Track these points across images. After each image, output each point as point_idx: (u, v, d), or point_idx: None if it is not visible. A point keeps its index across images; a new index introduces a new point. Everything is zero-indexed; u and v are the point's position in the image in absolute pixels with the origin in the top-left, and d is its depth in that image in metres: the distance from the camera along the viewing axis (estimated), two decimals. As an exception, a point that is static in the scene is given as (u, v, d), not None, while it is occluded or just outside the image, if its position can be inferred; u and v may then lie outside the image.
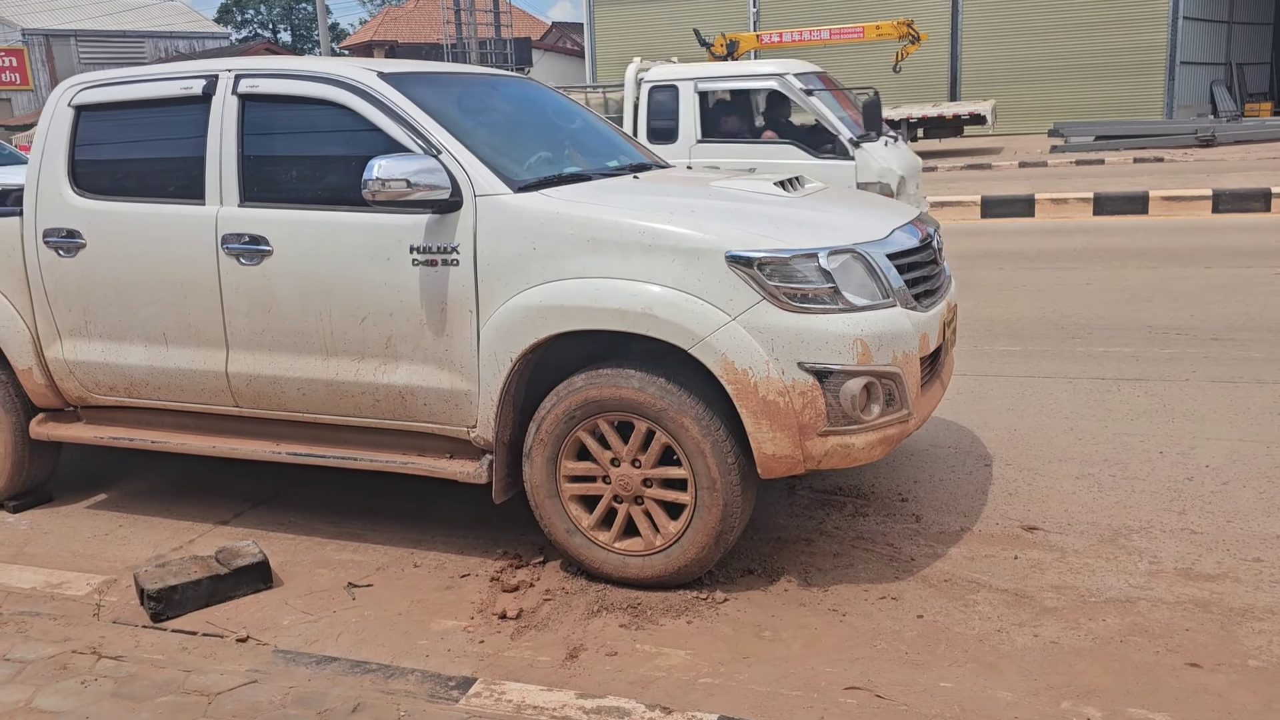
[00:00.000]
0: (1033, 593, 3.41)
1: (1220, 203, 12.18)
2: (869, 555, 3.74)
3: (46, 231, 4.21)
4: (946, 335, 3.83)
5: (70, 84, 4.35)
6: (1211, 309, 7.21)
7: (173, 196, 4.04)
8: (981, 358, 6.30)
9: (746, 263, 3.23)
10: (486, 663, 3.12)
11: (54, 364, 4.33)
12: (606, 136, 4.82)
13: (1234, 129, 21.27)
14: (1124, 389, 5.53)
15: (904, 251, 3.57)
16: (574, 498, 3.57)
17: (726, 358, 3.22)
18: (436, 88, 4.08)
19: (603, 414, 3.44)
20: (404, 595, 3.61)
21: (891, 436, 3.38)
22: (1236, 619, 3.17)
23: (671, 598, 3.45)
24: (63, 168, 4.22)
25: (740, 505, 3.39)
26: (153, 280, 4.03)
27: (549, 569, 3.73)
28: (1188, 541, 3.72)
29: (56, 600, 3.67)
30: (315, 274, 3.74)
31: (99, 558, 4.09)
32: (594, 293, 3.35)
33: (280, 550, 4.00)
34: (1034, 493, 4.24)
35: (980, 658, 3.03)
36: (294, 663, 3.04)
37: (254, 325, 3.89)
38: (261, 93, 3.92)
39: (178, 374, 4.08)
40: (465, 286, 3.53)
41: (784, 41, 25.81)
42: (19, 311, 4.35)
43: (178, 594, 3.52)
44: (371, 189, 3.44)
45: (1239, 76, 29.94)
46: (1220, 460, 4.46)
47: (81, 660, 3.09)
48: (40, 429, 4.46)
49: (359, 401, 3.79)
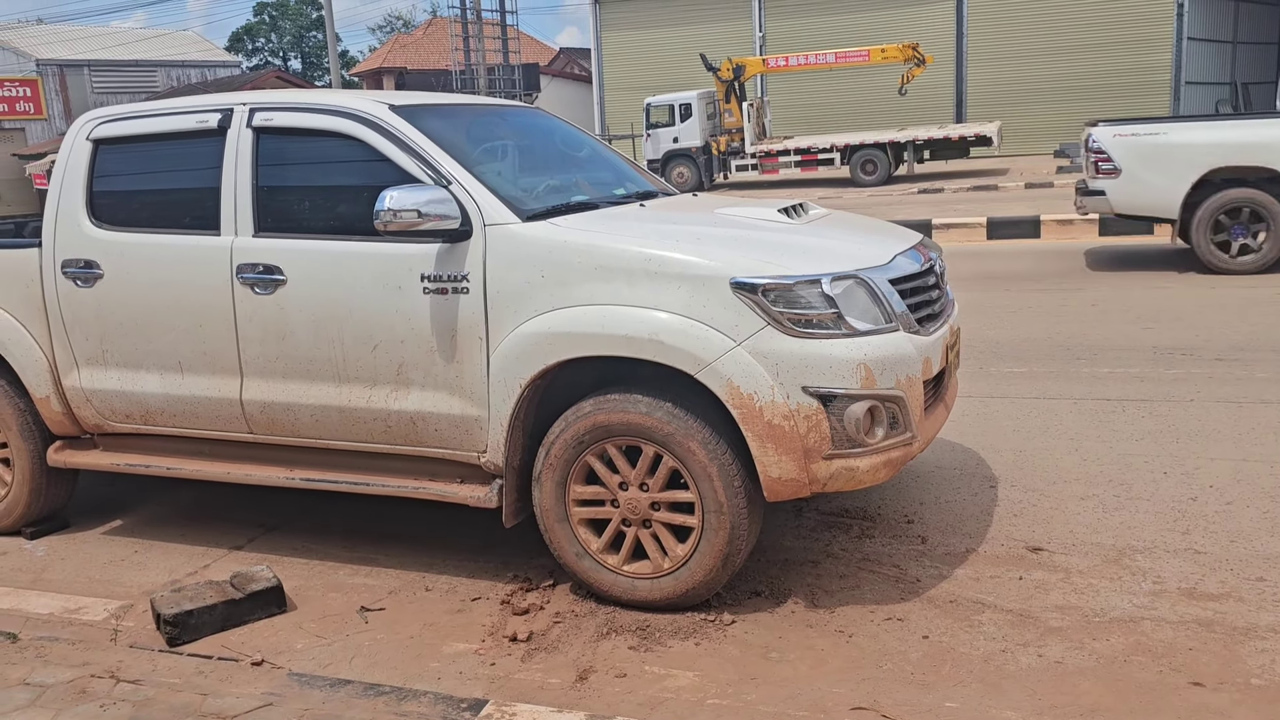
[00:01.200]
0: (1037, 613, 3.44)
1: (1226, 222, 12.18)
2: (875, 577, 3.78)
3: (65, 262, 4.29)
4: (950, 358, 3.88)
5: (88, 118, 4.45)
6: (1216, 329, 7.24)
7: (188, 227, 4.12)
8: (987, 379, 6.34)
9: (751, 289, 3.29)
10: (498, 685, 3.17)
11: (71, 392, 4.41)
12: (614, 165, 4.90)
13: (1240, 148, 21.27)
14: (1129, 410, 5.57)
15: (906, 276, 3.63)
16: (583, 521, 3.62)
17: (732, 382, 3.28)
18: (446, 119, 4.17)
19: (611, 439, 3.50)
20: (416, 619, 3.66)
21: (896, 459, 3.43)
22: (1239, 638, 3.20)
23: (680, 620, 3.49)
24: (81, 200, 4.31)
25: (747, 528, 3.43)
26: (169, 309, 4.11)
27: (559, 592, 3.77)
28: (1191, 561, 3.75)
29: (74, 625, 3.73)
30: (328, 302, 3.81)
31: (115, 583, 4.15)
32: (602, 319, 3.41)
33: (294, 575, 4.06)
34: (1039, 514, 4.27)
35: (985, 678, 3.07)
36: (309, 686, 3.08)
37: (268, 353, 3.96)
38: (275, 125, 4.01)
39: (193, 401, 4.15)
40: (475, 314, 3.60)
41: (790, 65, 26.03)
42: (37, 341, 4.44)
43: (193, 618, 3.58)
44: (383, 219, 3.52)
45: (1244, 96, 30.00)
46: (1224, 480, 4.49)
47: (100, 684, 3.15)
48: (57, 456, 4.53)
49: (371, 427, 3.86)
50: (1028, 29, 28.41)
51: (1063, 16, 27.89)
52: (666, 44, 31.89)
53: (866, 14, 29.62)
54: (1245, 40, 30.70)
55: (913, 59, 24.22)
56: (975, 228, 13.40)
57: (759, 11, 31.26)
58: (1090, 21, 27.64)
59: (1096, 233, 12.67)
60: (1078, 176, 17.13)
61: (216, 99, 4.23)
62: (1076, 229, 12.81)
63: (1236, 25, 30.49)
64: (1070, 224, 12.90)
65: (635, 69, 32.54)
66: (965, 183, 20.95)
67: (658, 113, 25.64)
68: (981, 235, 13.29)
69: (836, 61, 25.42)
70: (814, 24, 30.21)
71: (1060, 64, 28.02)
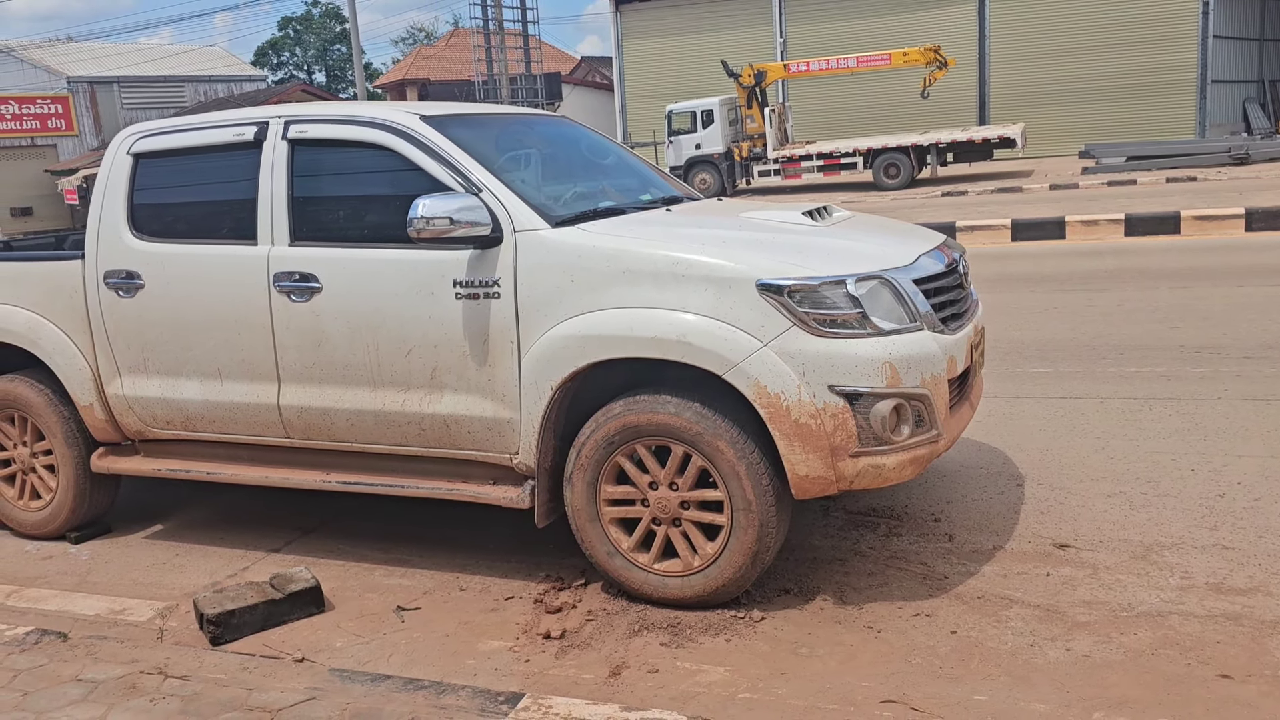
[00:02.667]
0: (1064, 608, 3.47)
1: (1253, 221, 12.14)
2: (903, 574, 3.82)
3: (107, 273, 4.41)
4: (974, 357, 3.92)
5: (129, 133, 4.57)
6: (1243, 327, 7.22)
7: (226, 237, 4.23)
8: (1013, 379, 6.36)
9: (777, 290, 3.35)
10: (532, 680, 3.24)
11: (114, 400, 4.53)
12: (639, 171, 4.98)
13: (1268, 146, 21.15)
14: (1156, 408, 5.57)
15: (930, 276, 3.68)
16: (614, 521, 3.68)
17: (759, 382, 3.33)
18: (476, 128, 4.26)
19: (640, 439, 3.56)
20: (451, 617, 3.74)
21: (922, 457, 3.47)
22: (1267, 631, 3.22)
23: (710, 617, 3.55)
24: (122, 212, 4.43)
25: (775, 526, 3.49)
26: (208, 318, 4.22)
27: (591, 590, 3.84)
28: (1219, 557, 3.77)
29: (121, 625, 3.83)
30: (363, 309, 3.90)
31: (158, 585, 4.25)
32: (630, 322, 3.48)
33: (331, 576, 4.15)
34: (1066, 511, 4.29)
35: (1013, 671, 3.10)
36: (350, 680, 3.17)
37: (304, 359, 4.06)
38: (310, 137, 4.11)
39: (232, 407, 4.26)
40: (506, 318, 3.67)
41: (811, 70, 26.04)
42: (81, 350, 4.56)
43: (235, 618, 3.67)
44: (416, 227, 3.60)
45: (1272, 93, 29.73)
46: (1252, 477, 4.50)
47: (149, 680, 3.24)
48: (100, 463, 4.65)
49: (405, 431, 3.94)
50: (1050, 29, 28.27)
51: (1085, 16, 27.75)
52: (687, 51, 32.00)
53: (888, 17, 29.60)
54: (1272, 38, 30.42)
55: (935, 62, 24.19)
56: (1000, 230, 13.38)
57: (780, 17, 31.30)
58: (1113, 21, 27.48)
59: (1122, 233, 12.63)
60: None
61: (252, 113, 4.34)
62: (1101, 229, 12.78)
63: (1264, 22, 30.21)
64: (1095, 225, 12.87)
65: (657, 76, 32.67)
66: (989, 185, 20.90)
67: (680, 119, 25.74)
68: (1006, 237, 13.27)
69: (858, 66, 25.44)
70: (835, 28, 30.22)
71: (1083, 64, 27.87)
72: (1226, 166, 19.87)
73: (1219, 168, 19.84)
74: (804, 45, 30.27)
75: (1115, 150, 22.84)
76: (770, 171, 24.96)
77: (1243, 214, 12.24)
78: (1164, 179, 18.82)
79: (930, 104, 25.88)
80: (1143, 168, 20.74)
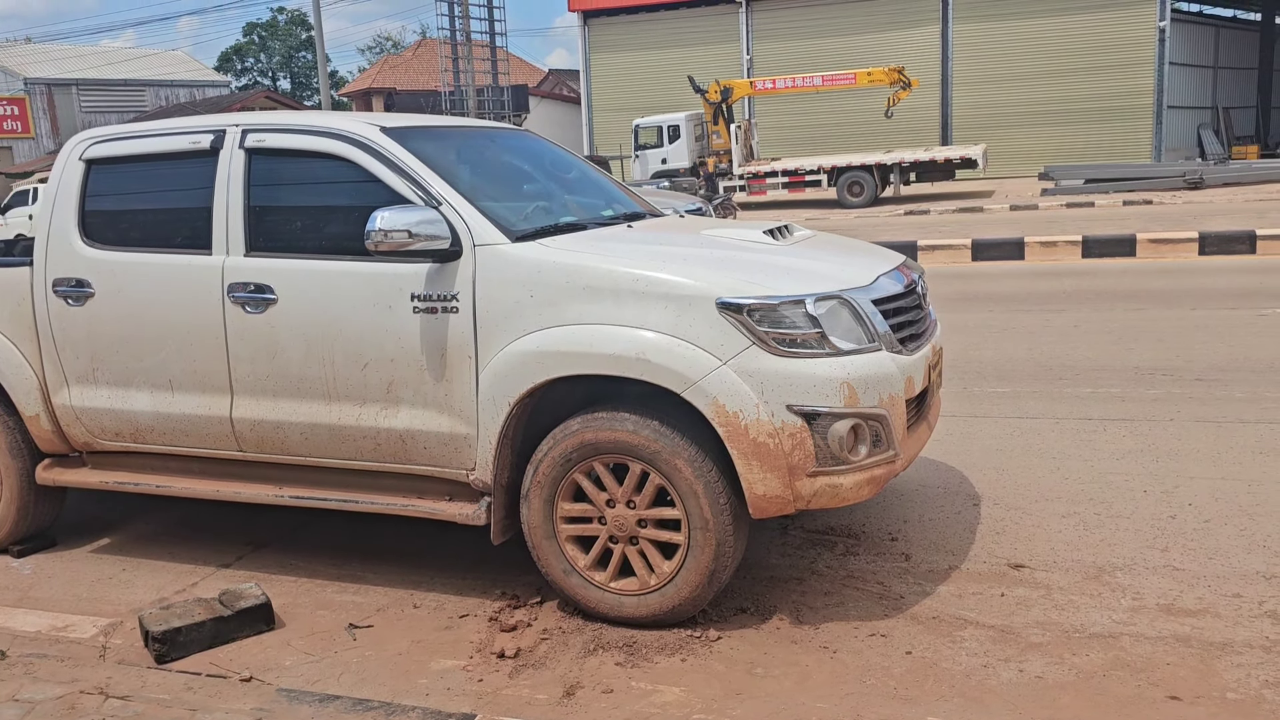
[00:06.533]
0: (1019, 629, 3.49)
1: (1206, 245, 12.38)
2: (859, 593, 3.82)
3: (56, 281, 4.32)
4: (932, 378, 3.94)
5: (81, 138, 4.49)
6: (1196, 350, 7.33)
7: (180, 247, 4.16)
8: (970, 399, 6.41)
9: (736, 309, 3.35)
10: (485, 701, 3.19)
11: (61, 410, 4.43)
12: (601, 186, 4.97)
13: (1222, 172, 21.60)
14: (1110, 429, 5.64)
15: (889, 297, 3.69)
16: (570, 538, 3.65)
17: (718, 401, 3.33)
18: (437, 141, 4.22)
19: (598, 456, 3.54)
20: (404, 635, 3.69)
21: (879, 476, 3.48)
22: (1216, 653, 3.26)
23: (666, 636, 3.53)
24: (73, 219, 4.34)
25: (733, 545, 3.48)
26: (160, 328, 4.14)
27: (546, 609, 3.80)
28: (1170, 578, 3.81)
29: (62, 643, 3.73)
30: (319, 321, 3.85)
31: (103, 601, 4.15)
32: (589, 339, 3.46)
33: (282, 592, 4.08)
34: (1021, 531, 4.32)
35: (967, 692, 3.11)
36: (297, 701, 3.11)
37: (258, 371, 4.00)
38: (267, 147, 4.06)
39: (183, 419, 4.18)
40: (465, 333, 3.64)
41: (777, 88, 26.26)
42: (27, 359, 4.45)
43: (182, 635, 3.59)
44: (374, 239, 3.56)
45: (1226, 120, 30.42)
46: (1203, 498, 4.56)
47: (89, 700, 3.16)
48: (46, 474, 4.54)
49: (360, 445, 3.89)
50: (1012, 53, 28.73)
51: (1047, 41, 28.22)
52: (655, 66, 32.12)
53: (853, 37, 29.91)
54: (1226, 65, 31.15)
55: (899, 82, 24.48)
56: (960, 249, 13.53)
57: (747, 34, 31.53)
58: (1074, 46, 27.97)
59: (1079, 254, 12.82)
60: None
61: (209, 120, 4.28)
62: (1060, 251, 12.96)
63: (1218, 50, 30.94)
64: (1054, 246, 13.05)
65: (624, 90, 32.76)
66: (951, 205, 21.15)
67: (646, 134, 25.84)
68: (967, 257, 13.43)
69: (823, 84, 25.69)
70: (801, 47, 30.49)
71: (1044, 88, 28.34)
72: (1181, 190, 20.25)
73: (1174, 191, 20.22)
74: (770, 63, 30.51)
75: (1074, 172, 23.23)
76: (735, 187, 25.10)
77: (1196, 238, 12.48)
78: (1121, 201, 19.15)
79: (894, 124, 26.18)
80: (1100, 190, 21.09)
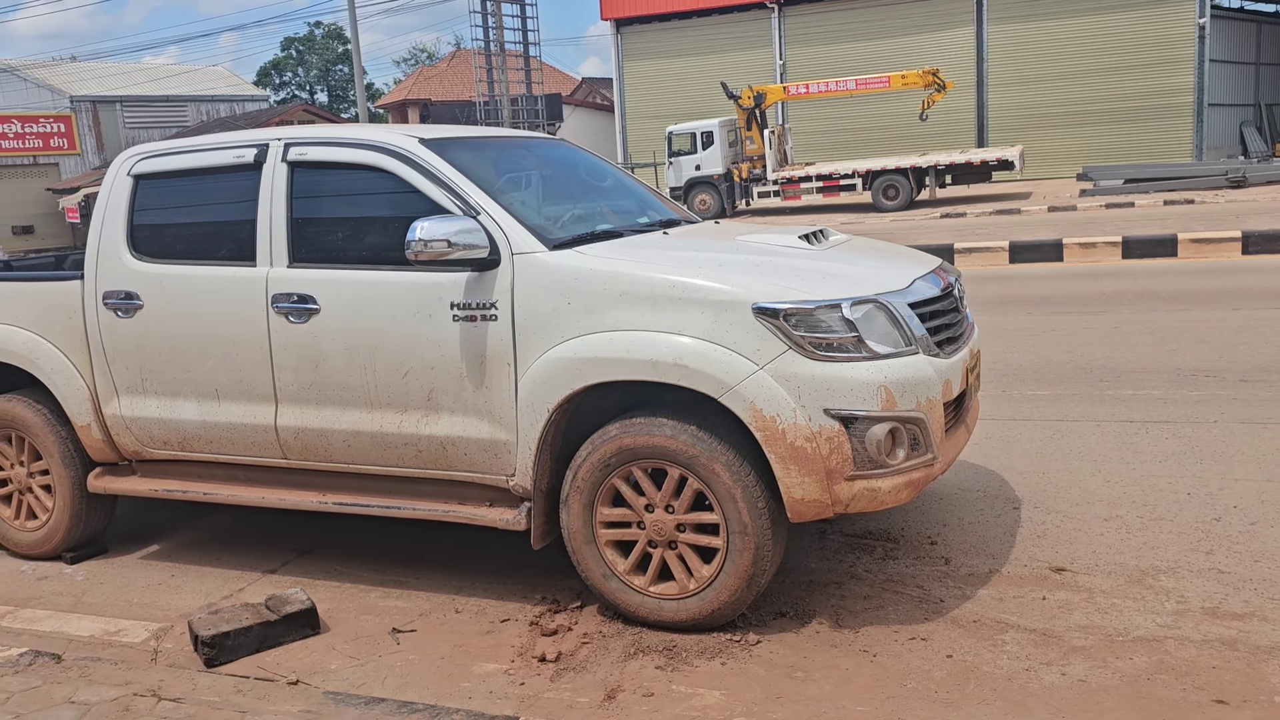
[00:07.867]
0: (1061, 632, 3.47)
1: (1250, 244, 12.19)
2: (899, 597, 3.82)
3: (106, 294, 4.43)
4: (970, 380, 3.93)
5: (130, 154, 4.60)
6: (1240, 351, 7.23)
7: (225, 259, 4.25)
8: (1010, 402, 6.37)
9: (773, 314, 3.37)
10: (527, 704, 3.23)
11: (111, 420, 4.53)
12: (637, 194, 5.00)
13: (1265, 169, 21.23)
14: (1152, 431, 5.58)
15: (926, 300, 3.69)
16: (610, 543, 3.68)
17: (755, 405, 3.34)
18: (474, 151, 4.28)
19: (636, 461, 3.57)
20: (446, 640, 3.73)
21: (917, 480, 3.48)
22: (1263, 656, 3.22)
23: (706, 640, 3.55)
24: (122, 233, 4.45)
25: (771, 549, 3.49)
26: (206, 339, 4.23)
27: (586, 613, 3.83)
28: (1215, 581, 3.77)
29: (115, 647, 3.82)
30: (360, 330, 3.92)
31: (154, 606, 4.24)
32: (627, 345, 3.49)
33: (327, 597, 4.14)
34: (1062, 535, 4.29)
35: (1009, 696, 3.10)
36: (344, 704, 3.16)
37: (302, 380, 4.07)
38: (309, 160, 4.14)
39: (229, 428, 4.26)
40: (504, 340, 3.69)
41: (810, 93, 26.19)
42: (79, 370, 4.57)
43: (230, 640, 3.66)
44: (414, 249, 3.62)
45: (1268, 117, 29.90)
46: (1248, 501, 4.50)
47: (143, 702, 3.23)
48: (97, 483, 4.65)
49: (402, 452, 3.95)
50: (1048, 53, 28.42)
51: (1083, 40, 27.90)
52: (688, 73, 32.17)
53: (887, 40, 29.77)
54: (1268, 61, 30.62)
55: (933, 84, 24.31)
56: (998, 252, 13.42)
57: (779, 39, 31.48)
58: (1111, 45, 27.63)
59: (1119, 255, 12.67)
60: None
61: (252, 135, 4.37)
62: (1099, 252, 12.82)
63: (1259, 47, 30.43)
64: (1093, 247, 12.91)
65: (657, 98, 32.83)
66: (988, 207, 20.97)
67: (680, 140, 25.86)
68: (1004, 259, 13.31)
69: (857, 88, 25.58)
70: (834, 51, 30.39)
71: (1081, 87, 28.00)
72: (1224, 189, 19.93)
73: (1216, 190, 19.90)
74: (803, 68, 30.44)
75: (1113, 173, 22.94)
76: (770, 193, 25.05)
77: (1240, 237, 12.29)
78: (1161, 201, 18.88)
79: (929, 126, 26.01)
80: (1140, 190, 20.81)
